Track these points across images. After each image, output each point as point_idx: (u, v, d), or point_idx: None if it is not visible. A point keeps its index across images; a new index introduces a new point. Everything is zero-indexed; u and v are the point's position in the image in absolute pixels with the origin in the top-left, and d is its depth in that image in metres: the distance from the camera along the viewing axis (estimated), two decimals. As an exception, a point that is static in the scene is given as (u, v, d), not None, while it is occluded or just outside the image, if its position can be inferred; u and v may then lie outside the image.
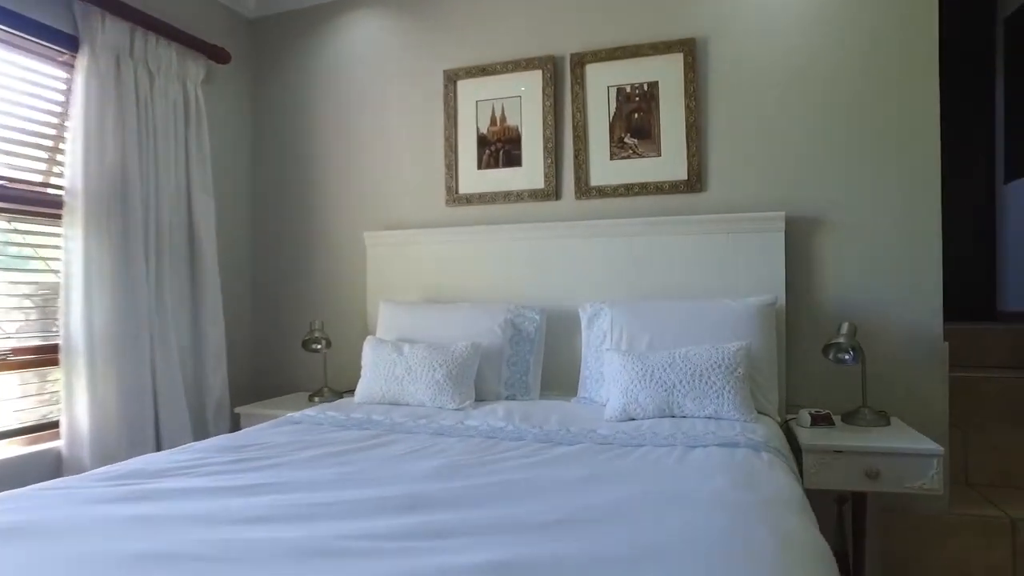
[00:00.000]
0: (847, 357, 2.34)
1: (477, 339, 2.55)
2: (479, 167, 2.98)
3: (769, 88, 2.62)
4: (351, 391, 2.80)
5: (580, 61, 2.82)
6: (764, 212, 2.56)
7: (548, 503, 1.38)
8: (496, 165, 2.95)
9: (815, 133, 2.58)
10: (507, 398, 2.54)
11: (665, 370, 2.19)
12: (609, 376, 2.30)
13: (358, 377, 2.63)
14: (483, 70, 2.94)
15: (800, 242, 2.57)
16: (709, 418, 2.12)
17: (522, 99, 2.91)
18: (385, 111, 3.13)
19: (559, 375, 2.71)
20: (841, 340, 2.34)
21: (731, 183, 2.67)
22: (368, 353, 2.59)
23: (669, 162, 2.73)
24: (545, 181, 2.88)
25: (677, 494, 1.43)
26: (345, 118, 3.20)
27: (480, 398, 2.50)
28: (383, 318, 2.82)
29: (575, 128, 2.83)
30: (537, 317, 2.66)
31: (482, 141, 2.97)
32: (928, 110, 2.47)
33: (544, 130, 2.87)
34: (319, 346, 2.91)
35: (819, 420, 2.31)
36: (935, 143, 2.46)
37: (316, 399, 2.87)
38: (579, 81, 2.82)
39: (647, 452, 1.81)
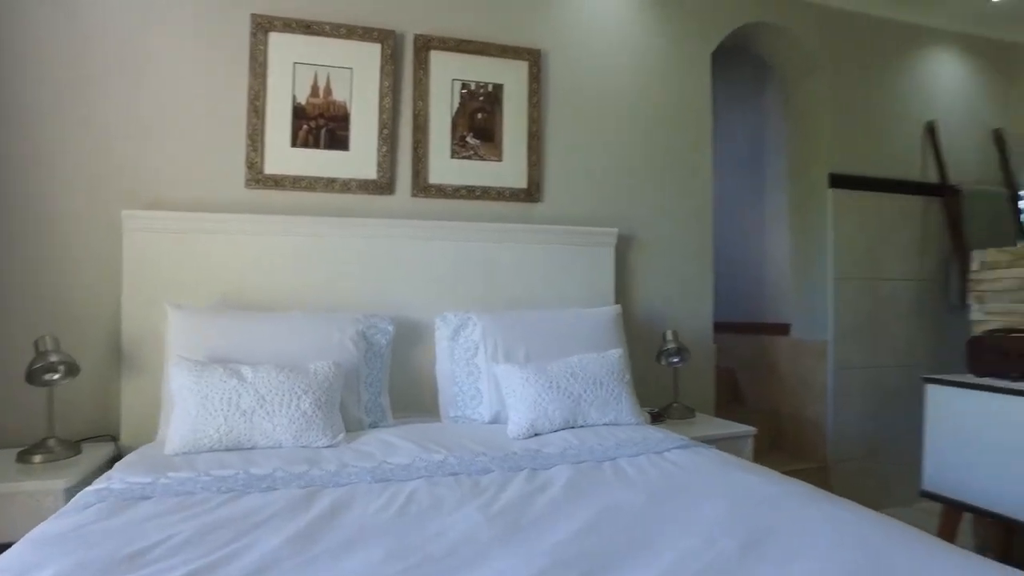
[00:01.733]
0: (676, 360, 2.66)
1: (328, 356, 2.04)
2: (293, 144, 2.40)
3: (601, 109, 2.82)
4: (100, 438, 1.96)
5: (426, 45, 2.55)
6: (600, 227, 2.73)
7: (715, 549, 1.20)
8: (316, 145, 2.43)
9: (634, 157, 2.87)
10: (371, 426, 2.10)
11: (569, 381, 2.13)
12: (508, 390, 2.12)
13: (105, 418, 1.88)
14: (307, 27, 2.40)
15: (620, 256, 2.81)
16: (609, 425, 2.14)
17: (353, 72, 2.47)
18: (155, 53, 2.26)
19: (404, 393, 2.36)
20: (671, 346, 2.65)
21: (565, 196, 2.76)
22: (184, 381, 1.81)
23: (510, 169, 2.68)
24: (379, 172, 2.49)
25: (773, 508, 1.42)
26: (90, 57, 2.20)
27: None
28: (177, 331, 2.02)
29: (416, 117, 2.54)
30: (390, 328, 2.28)
31: (299, 113, 2.41)
32: (703, 157, 3.00)
33: (381, 114, 2.49)
34: (56, 375, 1.91)
35: (656, 417, 2.56)
36: (708, 180, 3.01)
37: (37, 457, 1.87)
38: (423, 66, 2.55)
39: (618, 466, 1.73)
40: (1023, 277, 2.44)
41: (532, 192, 2.70)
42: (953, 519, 2.28)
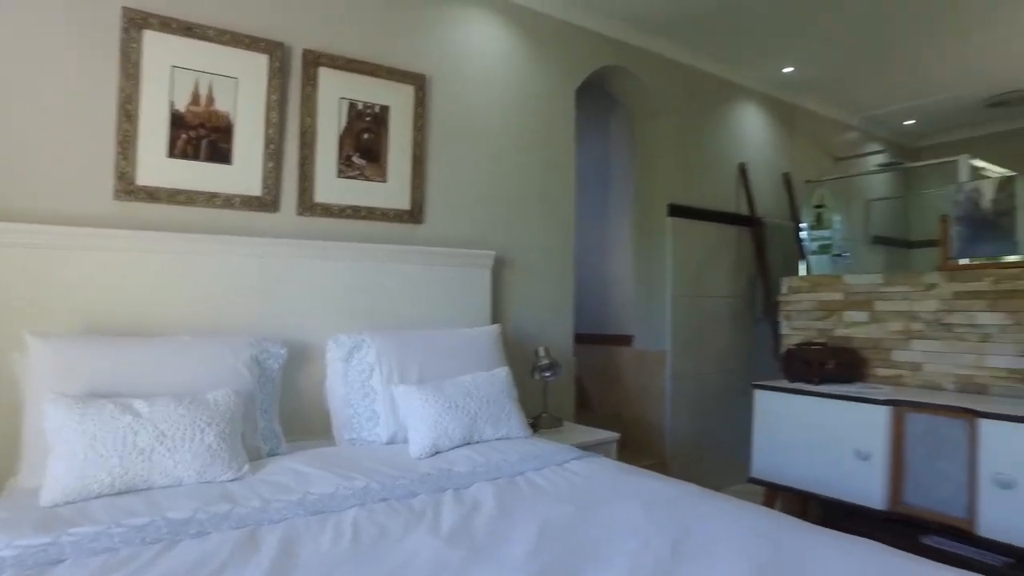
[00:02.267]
0: (549, 375, 2.88)
1: (223, 383, 1.95)
2: (171, 154, 2.23)
3: (480, 135, 2.96)
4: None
5: (315, 61, 2.50)
6: (479, 250, 2.87)
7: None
8: (196, 156, 2.28)
9: (508, 183, 3.05)
10: (269, 454, 2.03)
11: (466, 399, 2.25)
12: (407, 411, 2.18)
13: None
14: (188, 29, 2.24)
15: (495, 277, 2.98)
16: (502, 439, 2.29)
17: (239, 83, 2.35)
18: (6, 40, 1.97)
19: (292, 417, 2.30)
20: (545, 361, 2.87)
21: (446, 218, 2.86)
22: (64, 421, 1.62)
23: (394, 190, 2.72)
24: (264, 188, 2.40)
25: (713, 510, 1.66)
26: None
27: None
28: (42, 363, 1.78)
29: (303, 134, 2.48)
30: (282, 352, 2.21)
31: (178, 121, 2.24)
32: (567, 185, 3.28)
33: (267, 128, 2.40)
34: None
35: (532, 427, 2.76)
36: (571, 207, 3.29)
37: None
38: (312, 82, 2.50)
39: (530, 480, 1.89)
40: (817, 300, 3.02)
41: (415, 214, 2.76)
42: (772, 498, 2.77)
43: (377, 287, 2.57)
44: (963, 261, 2.59)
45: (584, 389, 4.27)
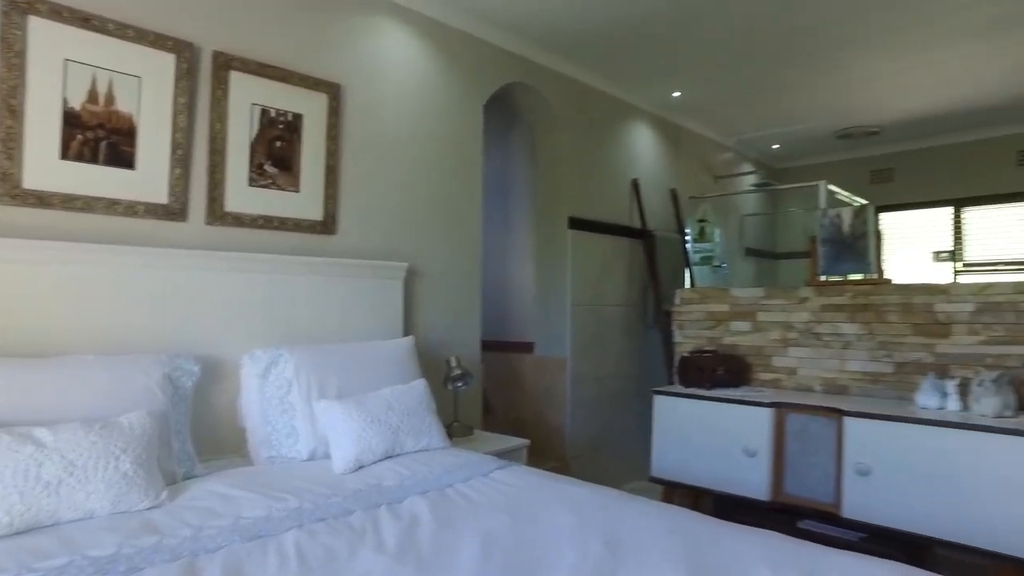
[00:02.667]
0: (461, 384, 2.93)
1: (135, 406, 1.84)
2: (64, 155, 2.06)
3: (392, 146, 2.96)
4: None
5: (226, 63, 2.40)
6: (392, 261, 2.87)
7: None
8: (95, 160, 2.11)
9: (420, 194, 3.07)
10: (184, 477, 1.94)
11: (387, 413, 2.26)
12: (330, 426, 2.16)
13: None
14: (85, 20, 2.07)
15: (407, 288, 2.99)
16: (422, 451, 2.33)
17: (142, 82, 2.21)
18: None
19: (203, 436, 2.20)
20: (458, 371, 2.92)
21: (359, 229, 2.84)
22: (-43, 454, 1.47)
23: (307, 200, 2.66)
24: (170, 196, 2.27)
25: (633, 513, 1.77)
26: None
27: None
28: (-79, 389, 1.60)
29: (213, 140, 2.37)
30: (195, 369, 2.12)
31: (72, 120, 2.07)
32: (475, 195, 3.36)
33: (174, 132, 2.27)
34: None
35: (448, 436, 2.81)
36: (479, 217, 3.37)
37: None
38: (222, 86, 2.39)
39: (460, 491, 1.94)
40: (706, 311, 3.30)
41: (328, 224, 2.72)
42: (670, 495, 3.00)
43: (291, 299, 2.51)
44: (829, 278, 2.96)
45: (486, 395, 4.36)
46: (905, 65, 3.81)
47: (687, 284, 4.63)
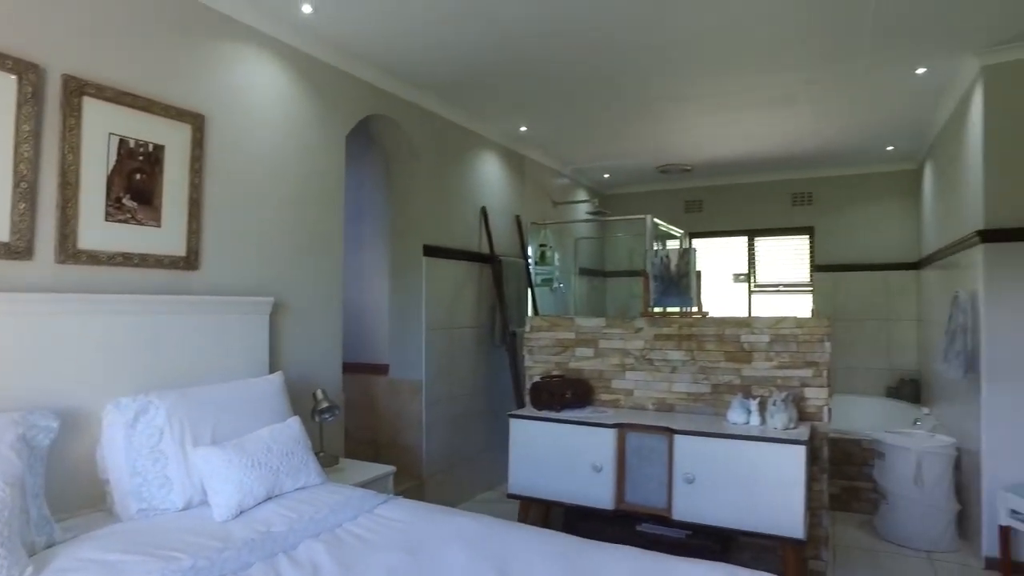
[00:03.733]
0: (328, 416, 2.97)
1: (-12, 473, 1.70)
2: None
3: (257, 178, 2.92)
4: None
5: (79, 89, 2.23)
6: (257, 296, 2.83)
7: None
8: (-77, 195, 1.89)
9: (284, 226, 3.05)
10: (46, 546, 1.81)
11: (267, 455, 2.28)
12: (209, 474, 2.14)
13: None
14: (-86, 43, 1.84)
15: (272, 322, 2.97)
16: (301, 489, 2.37)
17: (-19, 109, 2.00)
18: None
19: (58, 494, 2.05)
20: (324, 404, 2.95)
21: (223, 265, 2.77)
22: None
23: (169, 235, 2.55)
24: (13, 233, 2.07)
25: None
26: None
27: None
28: None
29: (64, 172, 2.20)
30: (54, 425, 1.97)
31: None
32: (337, 226, 3.40)
33: (17, 163, 2.08)
34: None
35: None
36: (340, 248, 3.42)
37: None
38: (75, 113, 2.23)
39: (351, 531, 2.03)
40: (554, 338, 3.64)
41: (191, 260, 2.62)
42: (526, 509, 3.28)
43: (154, 341, 2.40)
44: (662, 309, 3.44)
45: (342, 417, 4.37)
46: (714, 120, 4.49)
47: (530, 305, 5.00)
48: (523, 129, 4.70)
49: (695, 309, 3.38)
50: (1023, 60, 3.27)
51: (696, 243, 6.62)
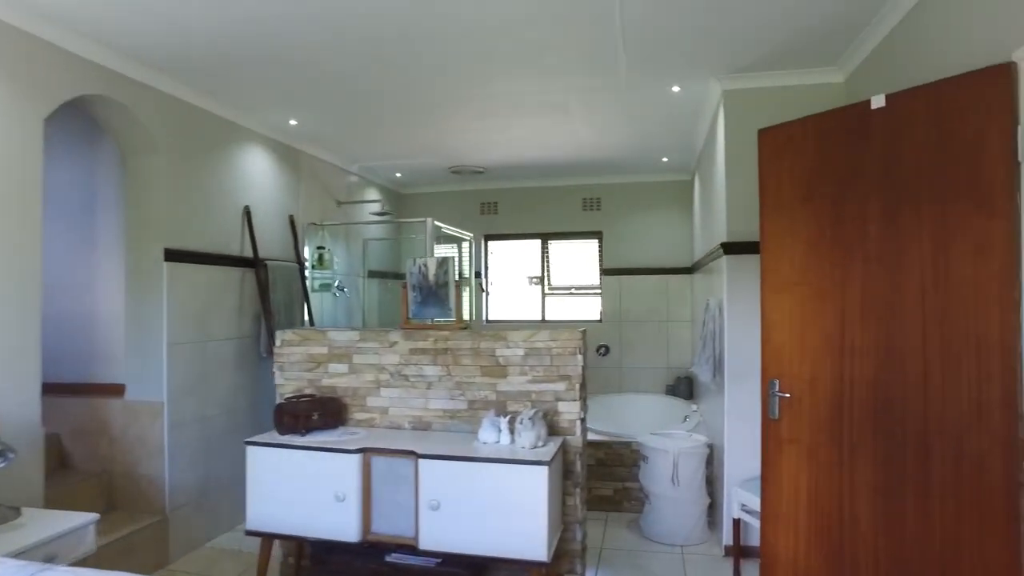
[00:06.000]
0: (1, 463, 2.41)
1: None
2: None
3: None
4: None
5: None
6: None
7: None
8: None
9: None
10: None
11: None
12: None
13: None
14: None
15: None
16: None
17: None
18: None
19: None
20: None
21: None
22: None
23: None
24: None
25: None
26: None
27: None
28: None
29: None
30: None
31: None
32: (33, 228, 2.82)
33: None
34: None
35: None
36: (37, 256, 2.83)
37: None
38: None
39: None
40: (306, 353, 3.33)
41: None
42: (268, 545, 2.94)
43: None
44: (422, 321, 3.25)
45: (62, 447, 3.70)
46: (496, 125, 4.41)
47: (306, 312, 4.62)
48: (293, 123, 4.30)
49: (453, 321, 3.24)
50: (755, 88, 3.52)
51: (492, 245, 6.61)
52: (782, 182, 2.64)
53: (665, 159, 5.47)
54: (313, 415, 3.02)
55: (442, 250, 5.82)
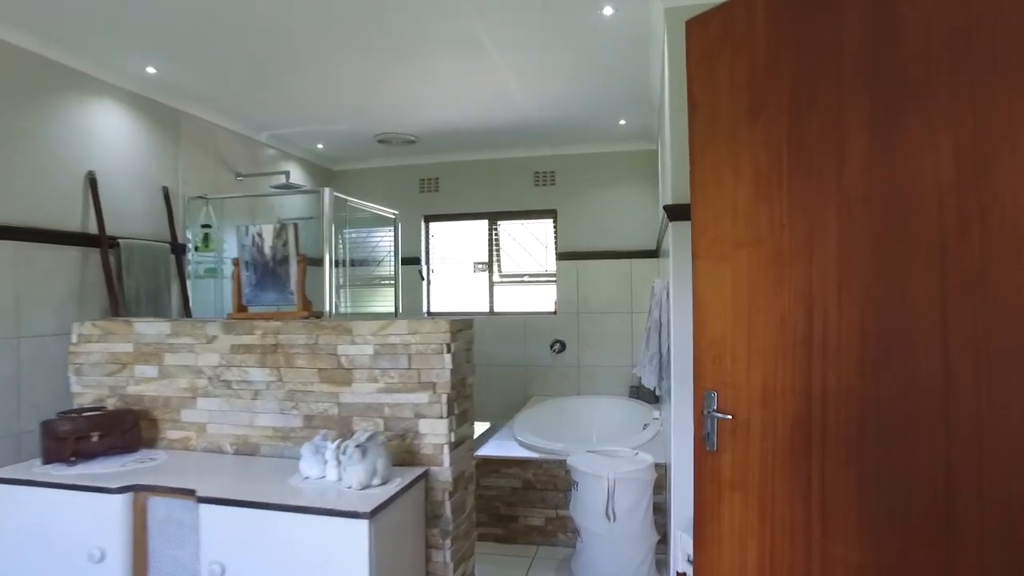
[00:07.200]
0: None
1: None
2: None
3: None
4: None
5: None
6: None
7: None
8: None
9: None
10: None
11: None
12: None
13: None
14: None
15: None
16: None
17: None
18: None
19: None
20: None
21: None
22: None
23: None
24: None
25: None
26: None
27: None
28: None
29: None
30: None
31: None
32: None
33: None
34: None
35: None
36: None
37: None
38: None
39: None
40: (108, 351, 2.55)
41: None
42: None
43: None
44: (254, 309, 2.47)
45: None
46: (410, 73, 3.60)
47: (182, 302, 3.84)
48: (151, 71, 3.50)
49: (295, 309, 2.44)
50: (705, 4, 2.68)
51: (434, 227, 5.81)
52: (719, 92, 1.81)
53: (622, 121, 4.63)
54: (92, 436, 2.23)
55: (380, 234, 5.03)
